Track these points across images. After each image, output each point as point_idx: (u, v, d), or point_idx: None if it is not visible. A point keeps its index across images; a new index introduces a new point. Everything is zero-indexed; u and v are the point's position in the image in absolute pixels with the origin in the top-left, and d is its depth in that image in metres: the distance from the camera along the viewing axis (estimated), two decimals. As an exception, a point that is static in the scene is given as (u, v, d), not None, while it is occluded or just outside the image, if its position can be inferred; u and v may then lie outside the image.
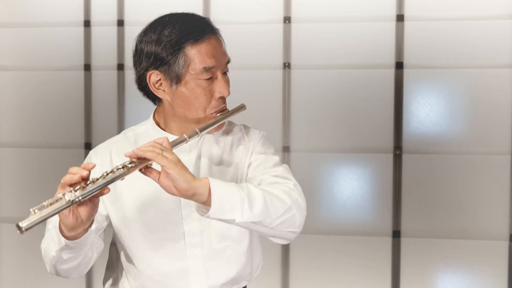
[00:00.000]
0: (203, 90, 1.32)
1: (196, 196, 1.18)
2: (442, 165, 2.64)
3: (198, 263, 1.36)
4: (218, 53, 1.33)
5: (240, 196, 1.22)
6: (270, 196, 1.26)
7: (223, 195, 1.20)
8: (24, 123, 2.92)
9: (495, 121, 2.59)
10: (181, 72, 1.30)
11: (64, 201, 1.06)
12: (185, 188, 1.15)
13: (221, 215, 1.20)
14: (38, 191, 2.92)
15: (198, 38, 1.31)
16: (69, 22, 2.85)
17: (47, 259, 1.32)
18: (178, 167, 1.15)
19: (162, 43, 1.31)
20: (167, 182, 1.16)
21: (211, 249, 1.37)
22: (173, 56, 1.30)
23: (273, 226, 1.26)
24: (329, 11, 2.68)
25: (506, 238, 2.61)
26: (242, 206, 1.21)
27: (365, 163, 2.69)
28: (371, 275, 2.70)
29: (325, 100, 2.67)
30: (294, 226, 1.30)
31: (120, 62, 2.82)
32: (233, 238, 1.39)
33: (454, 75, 2.62)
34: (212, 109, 1.34)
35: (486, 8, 2.57)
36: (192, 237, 1.36)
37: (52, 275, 1.43)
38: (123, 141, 1.42)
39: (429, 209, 2.66)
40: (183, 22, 1.34)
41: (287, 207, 1.28)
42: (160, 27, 1.35)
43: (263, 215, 1.23)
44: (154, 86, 1.35)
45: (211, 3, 2.72)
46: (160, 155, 1.14)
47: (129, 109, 2.82)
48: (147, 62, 1.34)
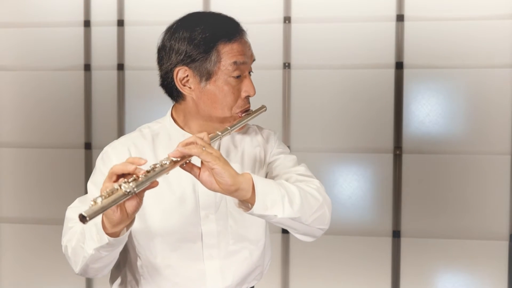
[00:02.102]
0: (231, 88, 1.32)
1: (239, 191, 1.17)
2: (442, 165, 2.64)
3: (214, 264, 1.36)
4: (248, 53, 1.35)
5: (280, 192, 1.22)
6: (305, 193, 1.27)
7: (265, 190, 1.19)
8: (24, 123, 2.92)
9: (495, 121, 2.59)
10: (212, 70, 1.31)
11: (121, 192, 1.03)
12: (230, 183, 1.14)
13: (263, 211, 1.20)
14: (38, 191, 2.92)
15: (231, 37, 1.32)
16: (69, 22, 2.85)
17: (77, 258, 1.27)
18: (222, 162, 1.14)
19: (195, 41, 1.31)
20: (209, 178, 1.15)
21: (227, 250, 1.37)
22: (206, 53, 1.30)
23: (308, 223, 1.27)
24: (329, 11, 2.68)
25: (506, 238, 2.61)
26: (283, 202, 1.21)
27: (365, 163, 2.69)
28: (371, 275, 2.70)
29: (325, 100, 2.67)
30: (324, 223, 1.32)
31: (120, 62, 2.82)
32: (250, 240, 1.40)
33: (454, 75, 2.62)
34: (238, 108, 1.35)
35: (486, 8, 2.57)
36: (209, 238, 1.36)
37: (52, 275, 1.42)
38: (140, 138, 1.40)
39: (429, 209, 2.66)
40: (216, 21, 1.35)
41: (320, 204, 1.29)
42: (192, 25, 1.34)
43: (301, 211, 1.24)
44: (180, 83, 1.34)
45: (211, 3, 2.72)
46: (205, 152, 1.13)
47: (129, 109, 2.82)
48: (177, 58, 1.33)
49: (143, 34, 2.79)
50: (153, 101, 2.80)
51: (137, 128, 1.46)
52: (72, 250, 1.27)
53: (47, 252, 2.91)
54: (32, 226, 2.93)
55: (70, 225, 1.33)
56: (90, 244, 1.20)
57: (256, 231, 1.41)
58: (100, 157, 1.40)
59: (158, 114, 2.82)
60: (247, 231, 1.39)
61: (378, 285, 2.70)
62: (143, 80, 2.80)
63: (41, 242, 2.92)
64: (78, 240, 1.26)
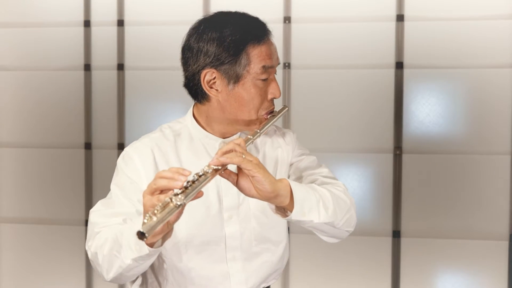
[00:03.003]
0: (259, 90, 1.31)
1: (278, 197, 1.17)
2: (442, 165, 2.64)
3: (237, 265, 1.37)
4: (275, 55, 1.35)
5: (315, 197, 1.23)
6: (336, 197, 1.29)
7: (302, 196, 1.21)
8: (24, 123, 2.92)
9: (495, 121, 2.59)
10: (241, 73, 1.29)
11: (172, 205, 1.03)
12: (269, 190, 1.15)
13: (301, 217, 1.21)
14: (38, 191, 2.92)
15: (260, 39, 1.30)
16: (69, 22, 2.85)
17: (111, 266, 1.22)
18: (263, 170, 1.15)
19: (225, 42, 1.28)
20: (247, 184, 1.16)
21: (250, 251, 1.38)
22: (235, 56, 1.28)
23: (339, 226, 1.29)
24: (329, 11, 2.68)
25: (506, 238, 2.61)
26: (318, 207, 1.23)
27: (365, 163, 2.69)
28: (371, 275, 2.70)
29: (325, 100, 2.67)
30: (351, 225, 1.34)
31: (120, 62, 2.82)
32: (272, 241, 1.40)
33: (454, 75, 2.62)
34: (263, 110, 1.34)
35: (486, 8, 2.57)
36: (232, 240, 1.36)
37: (52, 275, 1.42)
38: (163, 139, 1.38)
39: (429, 209, 2.66)
40: (244, 21, 1.33)
41: (348, 207, 1.31)
42: (220, 26, 1.30)
43: (334, 215, 1.25)
44: (207, 85, 1.32)
45: (211, 3, 2.72)
46: (246, 160, 1.14)
47: (129, 109, 2.82)
48: (205, 61, 1.30)
49: (143, 34, 2.79)
50: (153, 101, 2.80)
51: (157, 128, 1.44)
52: (103, 257, 1.23)
53: (47, 252, 2.91)
54: (32, 226, 2.93)
55: (96, 230, 1.29)
56: (128, 254, 1.17)
57: (279, 232, 1.41)
58: (121, 158, 1.38)
59: (158, 114, 2.83)
60: (269, 233, 1.39)
61: (378, 285, 2.70)
62: (143, 80, 2.80)
63: (41, 242, 2.92)
64: (111, 248, 1.21)
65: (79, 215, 2.88)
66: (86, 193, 2.87)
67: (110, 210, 1.31)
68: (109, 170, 2.84)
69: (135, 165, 1.34)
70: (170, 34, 2.74)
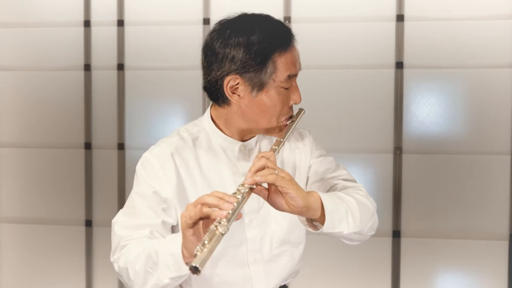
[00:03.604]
0: (282, 97, 1.30)
1: (310, 211, 1.18)
2: (442, 165, 2.64)
3: (258, 268, 1.37)
4: (298, 61, 1.34)
5: (344, 207, 1.24)
6: (361, 204, 1.29)
7: (333, 208, 1.21)
8: (24, 123, 2.92)
9: (495, 121, 2.59)
10: (266, 81, 1.27)
11: (218, 233, 1.04)
12: (302, 205, 1.15)
13: (331, 229, 1.21)
14: (38, 191, 2.92)
15: (286, 46, 1.29)
16: (69, 22, 2.85)
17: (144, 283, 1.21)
18: (295, 185, 1.15)
19: (252, 50, 1.25)
20: (279, 199, 1.16)
21: (270, 254, 1.38)
22: (262, 64, 1.25)
23: (365, 233, 1.30)
24: (329, 11, 2.68)
25: (506, 238, 2.60)
26: (347, 218, 1.23)
27: (365, 163, 2.69)
28: (371, 275, 2.70)
29: (325, 100, 2.67)
30: (374, 229, 1.36)
31: (120, 62, 2.82)
32: (292, 243, 1.41)
33: (454, 75, 2.62)
34: (283, 117, 1.33)
35: (486, 8, 2.57)
36: (253, 243, 1.36)
37: (52, 275, 1.41)
38: (181, 143, 1.35)
39: (429, 209, 2.65)
40: (270, 27, 1.29)
41: (372, 212, 1.33)
42: (247, 31, 1.27)
43: (361, 224, 1.26)
44: (229, 91, 1.28)
45: (211, 3, 2.72)
46: (280, 177, 1.13)
47: (129, 109, 2.82)
48: (231, 67, 1.26)
49: (143, 34, 2.79)
50: (153, 101, 2.80)
51: (174, 131, 1.40)
52: (136, 273, 1.22)
53: (47, 252, 2.91)
54: (32, 226, 2.92)
55: (122, 244, 1.28)
56: (166, 273, 1.16)
57: (298, 234, 1.42)
58: (141, 165, 1.35)
59: (158, 114, 2.83)
60: (289, 235, 1.40)
61: (378, 285, 2.70)
62: (143, 80, 2.80)
63: (41, 242, 2.92)
64: (145, 264, 1.20)
65: (79, 215, 2.87)
66: (86, 193, 2.87)
67: (134, 221, 1.29)
68: (109, 170, 2.86)
69: (155, 172, 1.31)
70: (170, 34, 2.74)
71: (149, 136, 2.80)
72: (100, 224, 2.85)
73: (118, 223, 1.32)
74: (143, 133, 2.81)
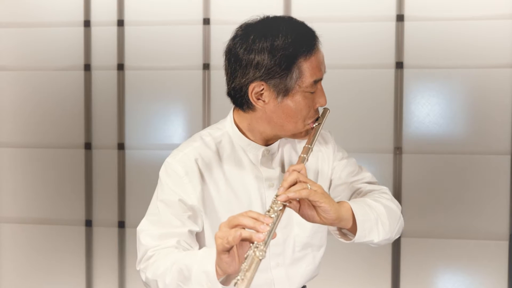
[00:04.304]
0: (308, 101, 1.28)
1: (341, 222, 1.18)
2: (442, 165, 2.64)
3: (281, 271, 1.37)
4: (323, 64, 1.33)
5: (374, 215, 1.24)
6: (388, 210, 1.28)
7: (363, 218, 1.21)
8: (24, 123, 2.92)
9: (495, 121, 2.59)
10: (292, 86, 1.25)
11: (256, 259, 1.03)
12: (334, 217, 1.16)
13: (363, 238, 1.22)
14: (38, 191, 2.92)
15: (311, 50, 1.27)
16: (69, 22, 2.85)
17: None
18: (328, 199, 1.15)
19: (277, 56, 1.22)
20: (310, 212, 1.16)
21: (292, 257, 1.37)
22: (287, 70, 1.23)
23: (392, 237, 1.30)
24: (329, 11, 2.68)
25: (506, 238, 2.61)
26: (377, 226, 1.24)
27: (365, 163, 2.67)
28: (371, 275, 2.70)
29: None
30: (400, 232, 1.34)
31: (120, 62, 2.82)
32: (314, 247, 1.41)
33: (454, 75, 2.62)
34: (309, 120, 1.31)
35: (486, 8, 2.57)
36: (276, 247, 1.35)
37: (52, 275, 1.41)
38: (205, 148, 1.33)
39: (429, 209, 2.66)
40: (294, 31, 1.26)
41: (399, 216, 1.32)
42: (271, 35, 1.24)
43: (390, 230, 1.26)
44: (254, 97, 1.26)
45: (211, 3, 2.72)
46: (312, 191, 1.13)
47: (129, 109, 2.82)
48: (255, 74, 1.24)
49: (143, 34, 2.79)
50: (153, 101, 2.80)
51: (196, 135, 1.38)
52: (166, 286, 1.21)
53: (47, 252, 2.91)
54: (32, 226, 2.92)
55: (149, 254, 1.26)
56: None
57: (320, 237, 1.42)
58: (164, 171, 1.32)
59: (158, 114, 2.83)
60: (312, 238, 1.39)
61: (378, 285, 2.70)
62: (143, 80, 2.80)
63: (41, 242, 2.92)
64: (176, 278, 1.18)
65: (79, 215, 2.87)
66: (86, 193, 2.87)
67: (160, 230, 1.27)
68: (109, 170, 2.86)
69: (180, 178, 1.29)
70: (170, 34, 2.74)
71: (149, 136, 2.81)
72: (100, 224, 2.85)
73: (144, 232, 1.29)
74: (143, 133, 2.81)
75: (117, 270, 2.80)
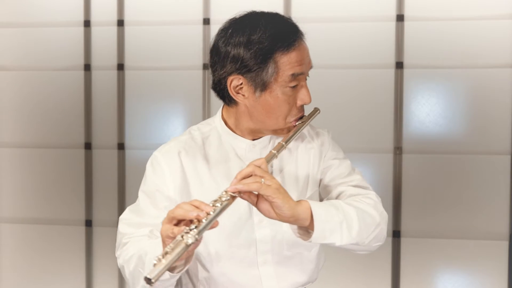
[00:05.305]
0: (287, 98, 1.27)
1: (298, 221, 1.17)
2: (442, 165, 2.64)
3: (269, 269, 1.35)
4: (306, 59, 1.30)
5: (339, 218, 1.21)
6: (363, 214, 1.26)
7: (324, 219, 1.19)
8: (24, 123, 2.92)
9: (495, 121, 2.59)
10: (269, 81, 1.25)
11: (183, 244, 1.02)
12: (288, 215, 1.14)
13: (322, 240, 1.20)
14: (38, 191, 2.92)
15: (290, 45, 1.25)
16: (69, 22, 2.85)
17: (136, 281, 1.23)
18: (282, 195, 1.14)
19: (252, 49, 1.23)
20: (267, 207, 1.15)
21: (281, 255, 1.36)
22: (262, 64, 1.24)
23: (366, 244, 1.28)
24: (329, 11, 2.68)
25: (506, 238, 2.61)
26: (342, 229, 1.21)
27: (365, 163, 2.69)
28: (371, 275, 2.70)
29: (325, 100, 2.67)
30: (381, 240, 1.33)
31: (120, 62, 2.82)
32: (304, 246, 1.38)
33: (454, 75, 2.62)
34: (292, 117, 1.31)
35: (486, 8, 2.57)
36: (263, 244, 1.34)
37: (52, 275, 1.41)
38: (190, 142, 1.36)
39: (429, 209, 2.66)
40: (273, 25, 1.27)
41: (377, 223, 1.29)
42: (249, 30, 1.25)
43: (359, 235, 1.23)
44: (233, 90, 1.28)
45: (211, 3, 2.72)
46: (264, 185, 1.12)
47: (129, 109, 2.82)
48: (232, 67, 1.26)
49: (143, 34, 2.79)
50: (153, 101, 2.80)
51: (187, 130, 1.42)
52: (130, 273, 1.24)
53: (47, 252, 2.91)
54: (32, 226, 2.93)
55: (124, 241, 1.29)
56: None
57: None
58: (150, 163, 1.35)
59: (158, 114, 2.83)
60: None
61: (378, 285, 2.70)
62: (143, 80, 2.80)
63: (41, 242, 2.92)
64: (137, 265, 1.21)
65: (79, 215, 2.87)
66: (86, 193, 2.87)
67: (137, 219, 1.30)
68: (109, 170, 2.86)
69: (162, 171, 1.32)
70: (170, 34, 2.74)
71: (149, 136, 2.81)
72: (100, 224, 2.85)
73: (123, 221, 1.33)
74: (143, 133, 2.81)
75: (117, 270, 2.80)
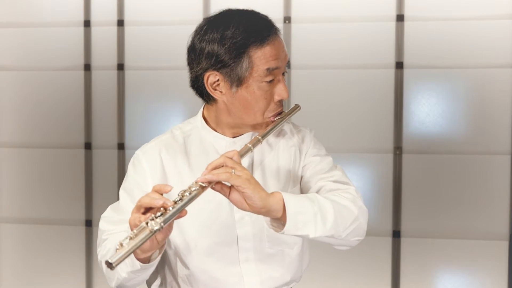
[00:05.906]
0: (264, 93, 1.27)
1: (270, 212, 1.16)
2: (442, 165, 2.64)
3: (251, 267, 1.35)
4: (281, 54, 1.29)
5: (313, 210, 1.20)
6: (339, 207, 1.25)
7: (297, 210, 1.18)
8: (24, 123, 2.92)
9: (495, 121, 2.59)
10: (244, 75, 1.25)
11: (147, 231, 1.02)
12: (260, 206, 1.14)
13: (295, 231, 1.19)
14: (38, 191, 2.92)
15: (263, 40, 1.25)
16: (69, 22, 2.85)
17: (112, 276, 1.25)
18: (252, 185, 1.13)
19: (226, 45, 1.24)
20: (239, 198, 1.15)
21: (263, 253, 1.36)
22: (237, 59, 1.24)
23: (343, 237, 1.26)
24: (329, 11, 2.68)
25: (506, 238, 2.61)
26: (316, 221, 1.20)
27: (365, 163, 2.69)
28: (371, 275, 2.70)
29: (325, 100, 2.67)
30: (359, 235, 1.31)
31: (120, 62, 2.82)
32: (286, 243, 1.38)
33: (454, 75, 2.62)
34: (270, 113, 1.30)
35: (486, 8, 2.57)
36: (245, 241, 1.34)
37: (52, 275, 1.42)
38: (171, 141, 1.38)
39: (429, 209, 2.66)
40: (247, 22, 1.27)
41: (355, 217, 1.28)
42: (223, 26, 1.26)
43: (334, 228, 1.22)
44: (211, 87, 1.29)
45: (211, 3, 2.72)
46: (234, 175, 1.12)
47: (129, 109, 2.82)
48: (207, 63, 1.27)
49: (143, 34, 2.79)
50: (153, 101, 2.80)
51: (169, 129, 1.43)
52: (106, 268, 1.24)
53: (47, 252, 2.91)
54: (32, 226, 2.93)
55: (103, 238, 1.29)
56: (123, 268, 1.18)
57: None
58: (131, 162, 1.37)
59: (158, 114, 2.83)
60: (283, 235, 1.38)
61: (378, 285, 2.70)
62: (143, 80, 2.80)
63: (41, 242, 2.92)
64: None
65: (79, 215, 2.88)
66: (86, 193, 2.87)
67: (117, 216, 1.32)
68: (109, 170, 2.86)
69: (143, 169, 1.33)
70: (170, 34, 2.74)
71: (149, 136, 2.78)
72: (100, 224, 2.85)
73: (104, 218, 1.35)
74: (143, 133, 2.81)
75: (117, 270, 2.80)
